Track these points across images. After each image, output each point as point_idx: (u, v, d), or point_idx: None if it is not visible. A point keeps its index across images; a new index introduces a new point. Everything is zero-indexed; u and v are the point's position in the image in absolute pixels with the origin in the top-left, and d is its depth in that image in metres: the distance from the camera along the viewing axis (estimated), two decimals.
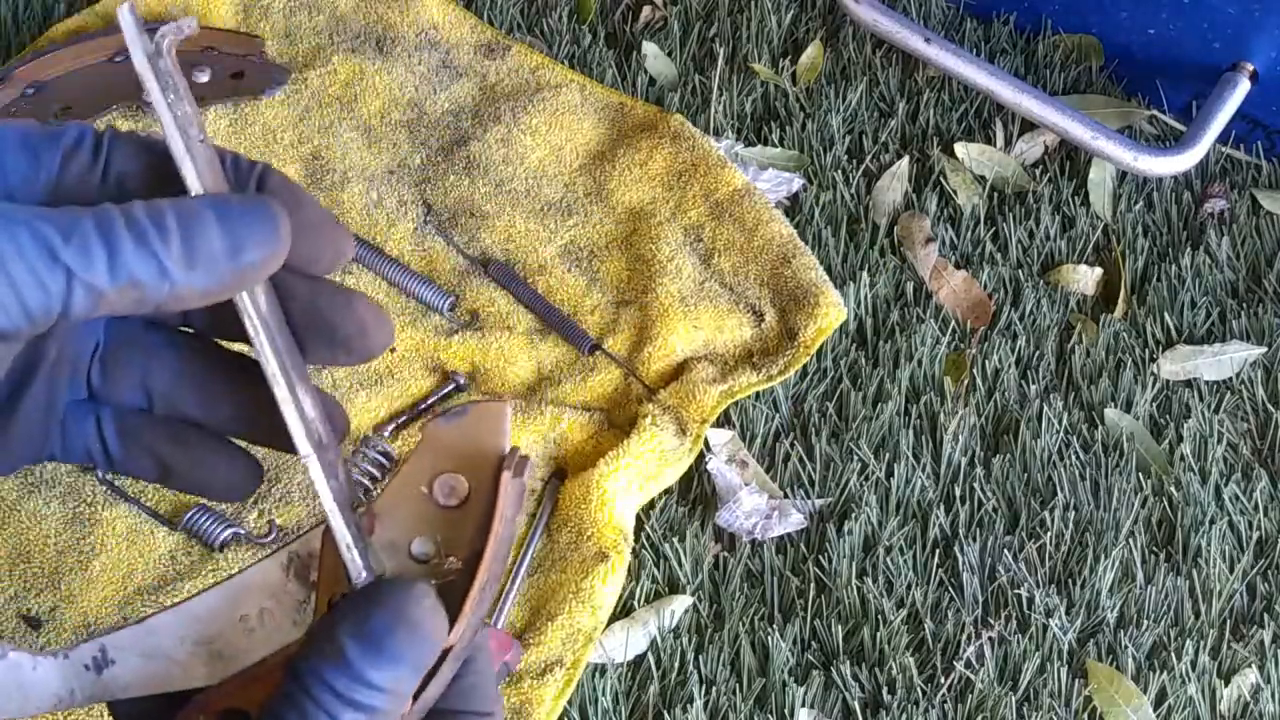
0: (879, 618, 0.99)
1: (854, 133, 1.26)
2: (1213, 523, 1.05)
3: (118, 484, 1.01)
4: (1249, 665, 0.99)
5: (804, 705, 0.96)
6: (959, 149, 1.25)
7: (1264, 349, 1.14)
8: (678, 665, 0.97)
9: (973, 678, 0.97)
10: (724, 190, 1.19)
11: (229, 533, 0.99)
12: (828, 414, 1.09)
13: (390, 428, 1.06)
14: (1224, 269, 1.20)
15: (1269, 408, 1.12)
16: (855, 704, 0.96)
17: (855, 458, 1.07)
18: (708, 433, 1.07)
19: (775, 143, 1.25)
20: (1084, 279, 1.19)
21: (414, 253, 1.16)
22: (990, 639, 0.99)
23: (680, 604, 1.00)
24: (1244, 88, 1.22)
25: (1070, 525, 1.05)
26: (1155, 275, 1.19)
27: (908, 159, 1.24)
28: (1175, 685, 0.98)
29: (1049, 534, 1.04)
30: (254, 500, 1.01)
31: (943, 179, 1.23)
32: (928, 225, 1.20)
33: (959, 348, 1.14)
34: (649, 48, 1.30)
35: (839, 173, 1.23)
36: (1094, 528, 1.05)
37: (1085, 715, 0.97)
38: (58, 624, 0.96)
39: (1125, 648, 0.99)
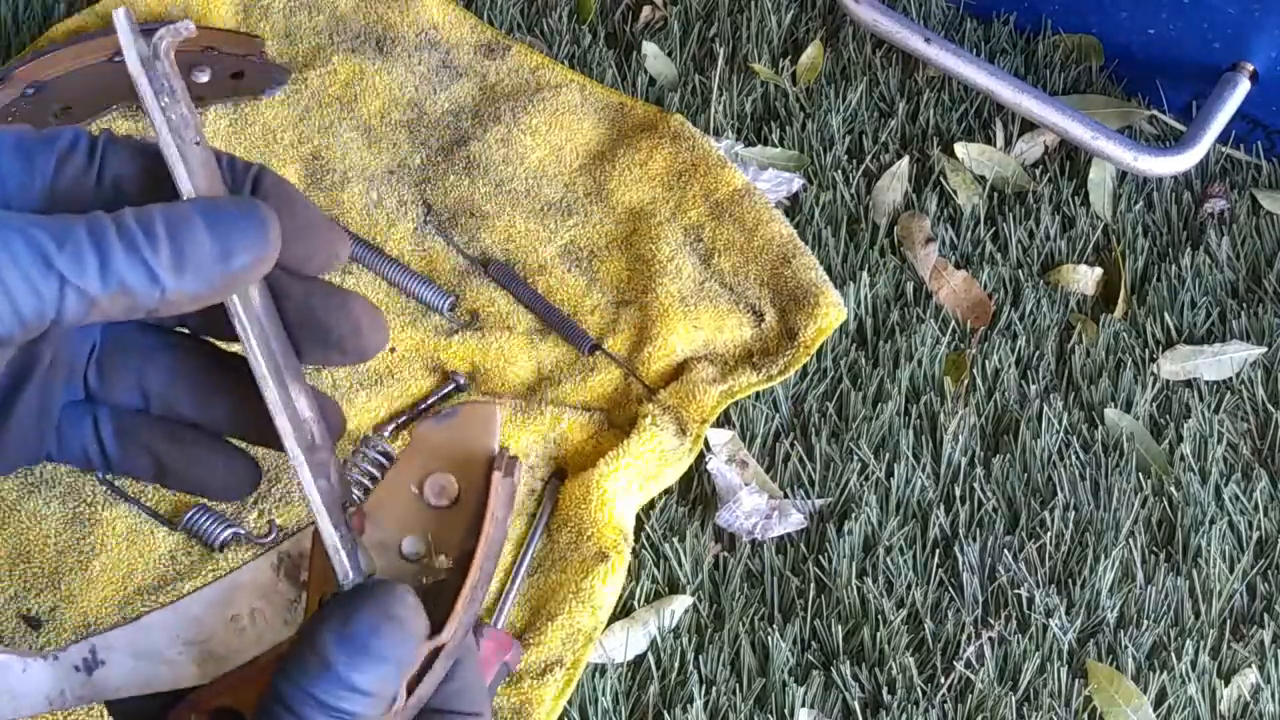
0: (879, 618, 0.99)
1: (854, 133, 1.26)
2: (1213, 523, 1.05)
3: (118, 484, 1.01)
4: (1249, 665, 0.99)
5: (804, 705, 0.96)
6: (959, 149, 1.25)
7: (1264, 349, 1.14)
8: (678, 665, 0.97)
9: (973, 678, 0.97)
10: (724, 190, 1.19)
11: (229, 533, 0.99)
12: (828, 414, 1.09)
13: (390, 428, 1.06)
14: (1224, 269, 1.20)
15: (1269, 408, 1.12)
16: (855, 704, 0.96)
17: (855, 458, 1.07)
18: (708, 433, 1.07)
19: (775, 143, 1.25)
20: (1084, 279, 1.19)
21: (414, 253, 1.16)
22: (990, 639, 0.99)
23: (680, 604, 1.00)
24: (1244, 88, 1.22)
25: (1070, 525, 1.05)
26: (1155, 275, 1.19)
27: (908, 159, 1.24)
28: (1175, 685, 0.98)
29: (1049, 534, 1.04)
30: (254, 500, 1.01)
31: (943, 179, 1.23)
32: (928, 225, 1.20)
33: (959, 348, 1.14)
34: (649, 48, 1.29)
35: (839, 173, 1.23)
36: (1094, 528, 1.05)
37: (1085, 715, 0.97)
38: (58, 624, 0.96)
39: (1125, 648, 0.99)
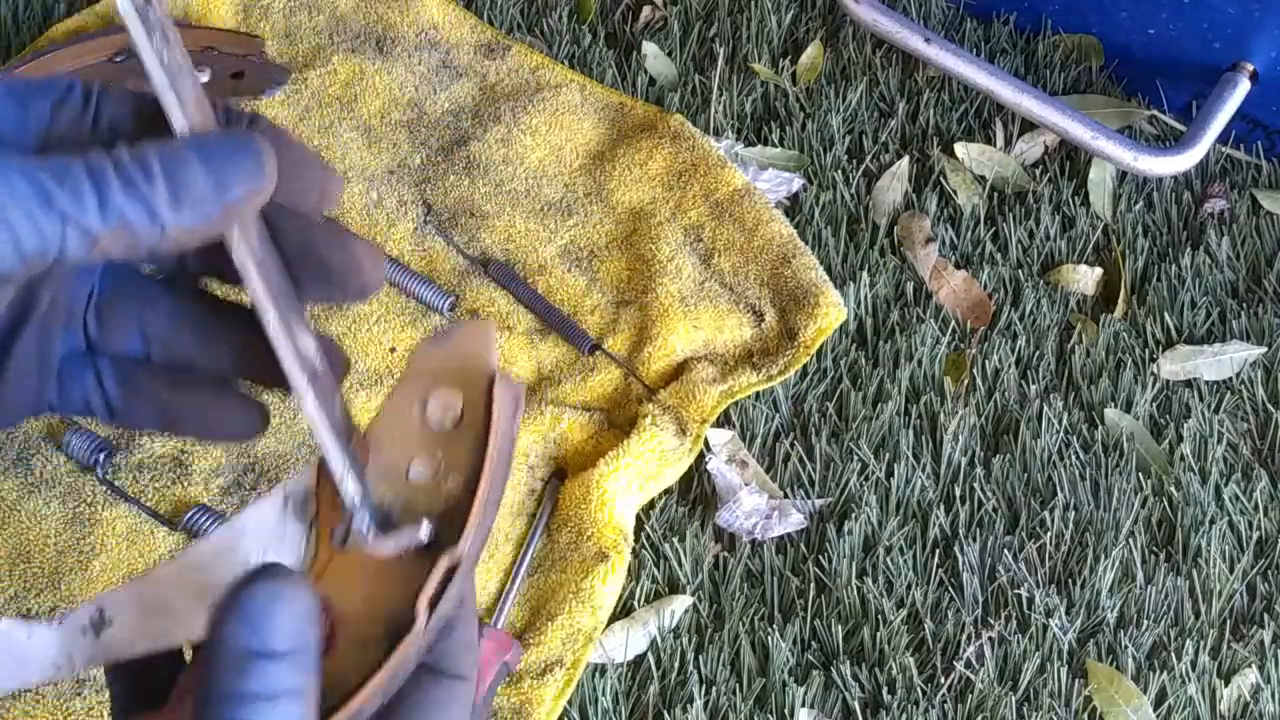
0: (879, 618, 0.99)
1: (854, 133, 1.26)
2: (1213, 523, 1.05)
3: (117, 484, 1.01)
4: (1249, 665, 0.99)
5: (804, 705, 0.96)
6: (959, 149, 1.24)
7: (1264, 349, 1.14)
8: (678, 665, 0.97)
9: (973, 678, 0.97)
10: (724, 190, 1.19)
11: None
12: (828, 414, 1.09)
13: None
14: (1224, 269, 1.20)
15: (1269, 408, 1.12)
16: (855, 704, 0.96)
17: (855, 458, 1.07)
18: (708, 433, 1.07)
19: (775, 143, 1.25)
20: (1084, 279, 1.19)
21: (414, 253, 1.16)
22: (990, 639, 0.99)
23: (680, 604, 1.00)
24: (1244, 88, 1.22)
25: (1070, 525, 1.05)
26: (1155, 275, 1.19)
27: (908, 159, 1.24)
28: (1175, 685, 0.98)
29: (1049, 534, 1.04)
30: (254, 499, 1.01)
31: (943, 179, 1.23)
32: (928, 225, 1.20)
33: (959, 348, 1.14)
34: (649, 48, 1.29)
35: (839, 173, 1.23)
36: (1094, 528, 1.05)
37: (1085, 715, 0.97)
38: None
39: (1125, 648, 0.99)
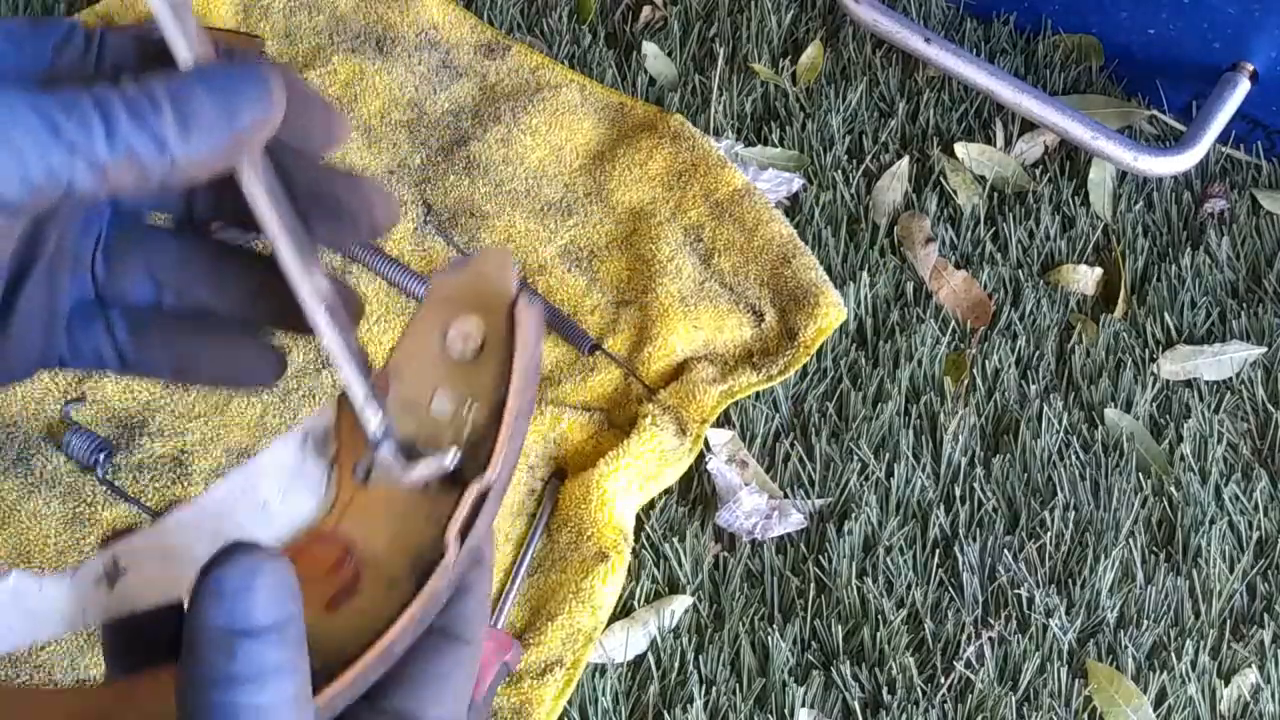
0: (879, 618, 0.99)
1: (854, 133, 1.26)
2: (1213, 523, 1.05)
3: (117, 484, 1.01)
4: (1249, 665, 0.99)
5: (804, 705, 0.96)
6: (959, 149, 1.24)
7: (1264, 349, 1.14)
8: (678, 665, 0.97)
9: (973, 678, 0.97)
10: (724, 190, 1.19)
11: None
12: (828, 414, 1.09)
13: None
14: (1224, 269, 1.20)
15: (1269, 408, 1.12)
16: (855, 704, 0.96)
17: (855, 458, 1.07)
18: (708, 433, 1.07)
19: (775, 143, 1.25)
20: (1084, 279, 1.19)
21: (414, 253, 1.16)
22: (990, 639, 0.99)
23: (680, 604, 1.00)
24: (1244, 88, 1.22)
25: (1070, 525, 1.05)
26: (1155, 275, 1.19)
27: (908, 159, 1.24)
28: (1175, 685, 0.98)
29: (1049, 534, 1.04)
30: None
31: (943, 179, 1.23)
32: (928, 225, 1.20)
33: (959, 348, 1.14)
34: (649, 48, 1.29)
35: (839, 173, 1.23)
36: (1094, 528, 1.05)
37: (1085, 715, 0.97)
38: None
39: (1125, 648, 0.99)
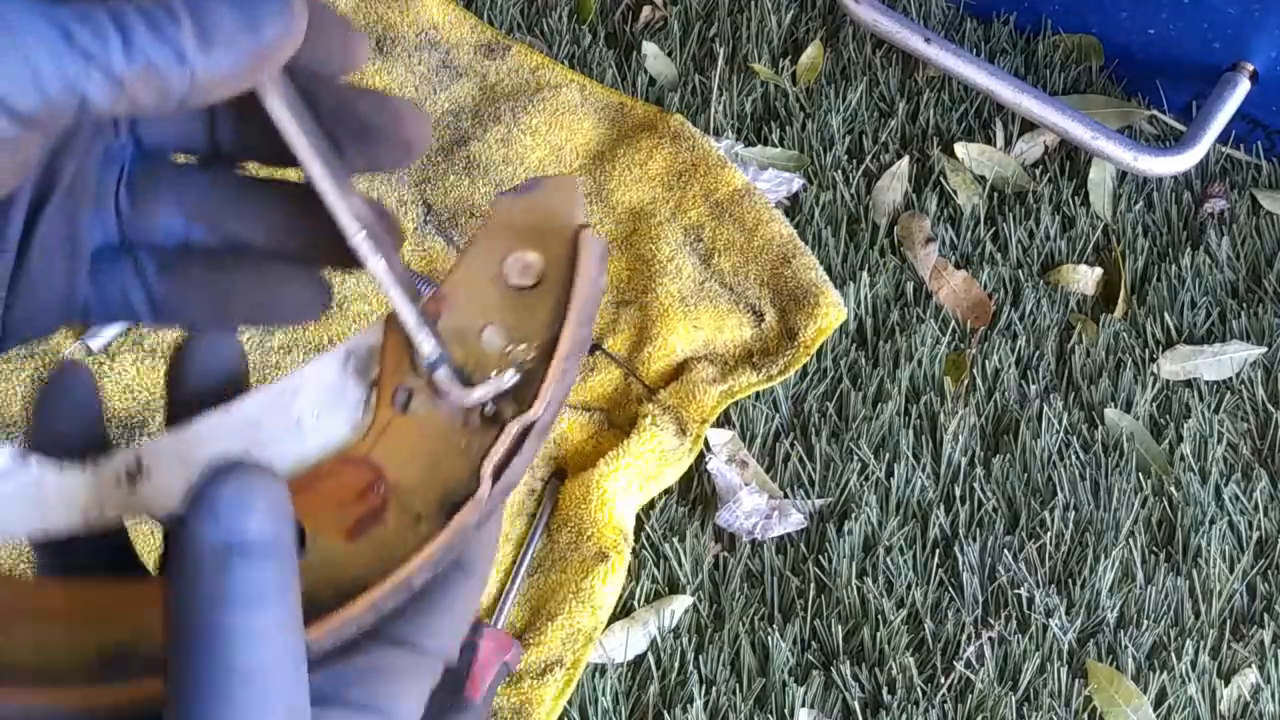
0: (879, 618, 0.99)
1: (854, 133, 1.26)
2: (1213, 523, 1.05)
3: None
4: (1249, 665, 0.99)
5: (804, 705, 0.96)
6: (959, 149, 1.24)
7: (1264, 349, 1.14)
8: (678, 665, 0.97)
9: (973, 678, 0.97)
10: (724, 190, 1.19)
11: None
12: (828, 414, 1.09)
13: None
14: (1224, 269, 1.20)
15: (1269, 408, 1.12)
16: (855, 704, 0.96)
17: (855, 458, 1.07)
18: (708, 433, 1.07)
19: (775, 143, 1.25)
20: (1084, 279, 1.19)
21: (414, 253, 1.16)
22: (990, 639, 0.99)
23: (680, 604, 1.00)
24: (1244, 88, 1.22)
25: (1070, 525, 1.05)
26: (1155, 275, 1.19)
27: (908, 159, 1.24)
28: (1175, 685, 0.98)
29: (1049, 534, 1.04)
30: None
31: (943, 179, 1.23)
32: (928, 225, 1.20)
33: (959, 348, 1.14)
34: (649, 48, 1.29)
35: (839, 173, 1.23)
36: (1094, 528, 1.05)
37: (1085, 715, 0.97)
38: None
39: (1125, 648, 0.99)
